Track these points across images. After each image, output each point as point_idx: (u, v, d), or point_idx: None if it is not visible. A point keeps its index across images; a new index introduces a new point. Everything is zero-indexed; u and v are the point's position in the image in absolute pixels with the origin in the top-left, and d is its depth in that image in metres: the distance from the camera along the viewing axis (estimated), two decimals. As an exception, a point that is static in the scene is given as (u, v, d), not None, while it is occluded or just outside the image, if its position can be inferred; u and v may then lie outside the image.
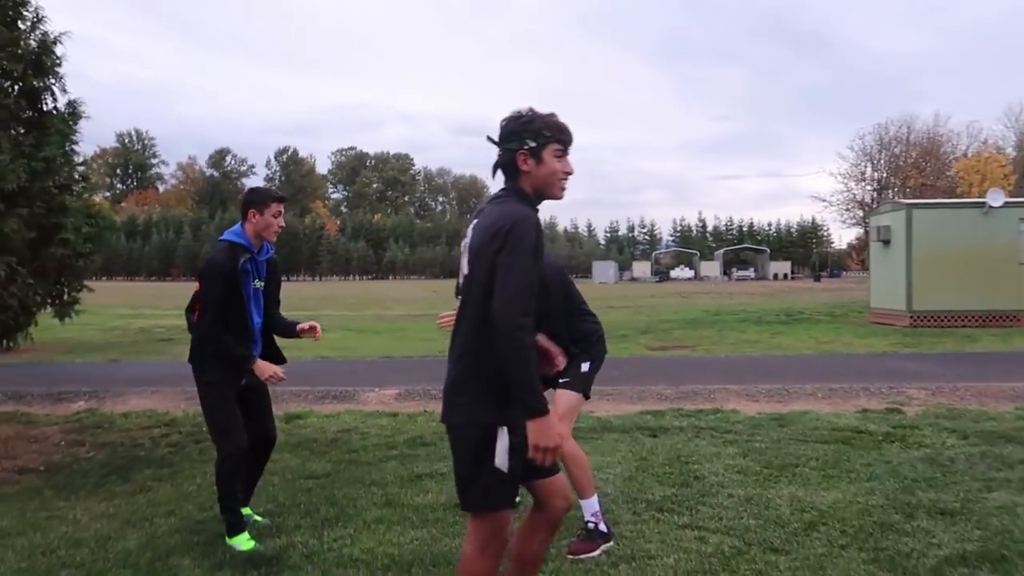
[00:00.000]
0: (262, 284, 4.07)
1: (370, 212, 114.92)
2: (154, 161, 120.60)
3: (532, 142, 2.42)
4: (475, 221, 2.53)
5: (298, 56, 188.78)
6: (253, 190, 4.11)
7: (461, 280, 2.54)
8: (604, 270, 70.44)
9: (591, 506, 3.75)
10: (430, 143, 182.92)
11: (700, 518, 4.12)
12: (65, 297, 6.70)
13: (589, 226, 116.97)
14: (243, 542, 3.83)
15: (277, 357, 4.15)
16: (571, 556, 3.59)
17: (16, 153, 5.52)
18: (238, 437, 3.90)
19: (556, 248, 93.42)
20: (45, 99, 6.18)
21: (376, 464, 5.48)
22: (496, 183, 2.54)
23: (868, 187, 44.65)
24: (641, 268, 78.51)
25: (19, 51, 6.17)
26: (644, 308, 24.78)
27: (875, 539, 3.76)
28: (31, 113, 6.16)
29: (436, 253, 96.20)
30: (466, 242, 2.55)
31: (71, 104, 6.29)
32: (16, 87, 6.17)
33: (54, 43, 6.46)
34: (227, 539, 3.86)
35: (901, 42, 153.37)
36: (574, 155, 2.53)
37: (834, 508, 4.22)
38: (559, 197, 2.50)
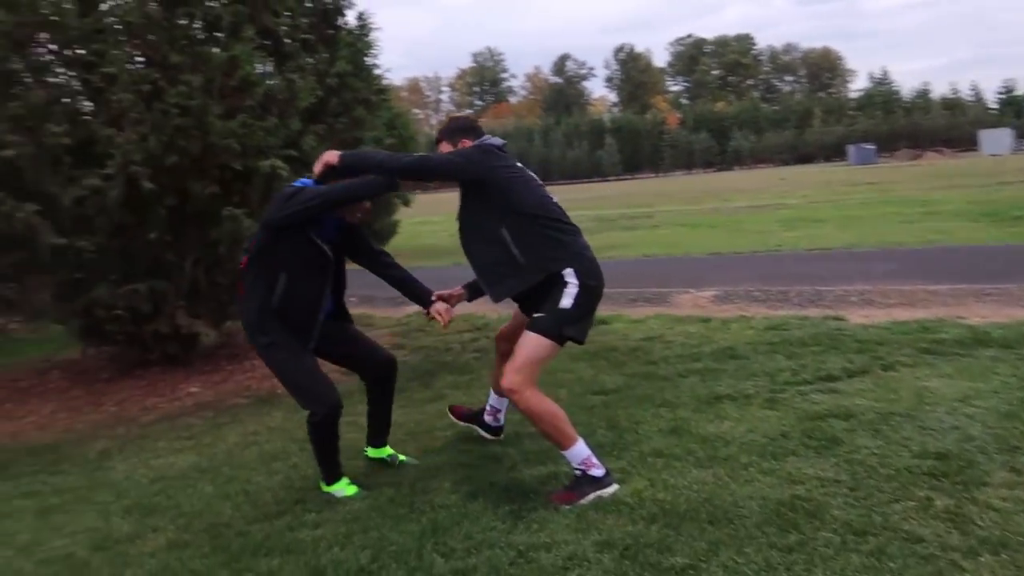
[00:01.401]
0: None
1: (711, 101, 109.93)
2: (504, 75, 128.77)
3: None
4: None
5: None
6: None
7: None
8: (996, 139, 58.57)
9: (578, 454, 3.10)
10: (773, 19, 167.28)
11: None
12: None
13: (974, 89, 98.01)
14: (344, 487, 3.44)
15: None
16: (555, 500, 3.07)
17: (309, 71, 5.67)
18: (328, 395, 3.32)
19: (931, 119, 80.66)
20: (337, 17, 6.30)
21: (673, 380, 4.80)
22: None
23: None
24: (1048, 133, 63.74)
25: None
26: (1051, 181, 19.83)
27: None
28: (328, 31, 6.33)
29: (784, 138, 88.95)
30: None
31: (360, 16, 6.34)
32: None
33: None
34: (324, 487, 3.48)
35: None
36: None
37: None
38: None
